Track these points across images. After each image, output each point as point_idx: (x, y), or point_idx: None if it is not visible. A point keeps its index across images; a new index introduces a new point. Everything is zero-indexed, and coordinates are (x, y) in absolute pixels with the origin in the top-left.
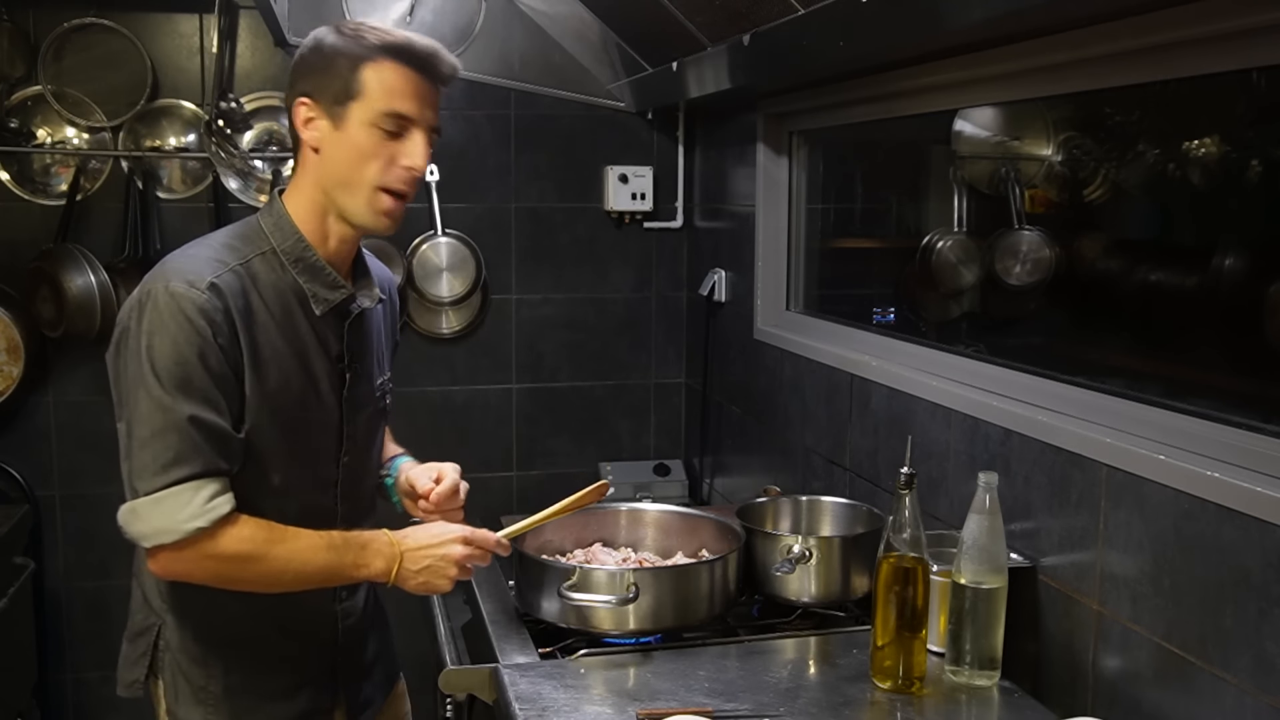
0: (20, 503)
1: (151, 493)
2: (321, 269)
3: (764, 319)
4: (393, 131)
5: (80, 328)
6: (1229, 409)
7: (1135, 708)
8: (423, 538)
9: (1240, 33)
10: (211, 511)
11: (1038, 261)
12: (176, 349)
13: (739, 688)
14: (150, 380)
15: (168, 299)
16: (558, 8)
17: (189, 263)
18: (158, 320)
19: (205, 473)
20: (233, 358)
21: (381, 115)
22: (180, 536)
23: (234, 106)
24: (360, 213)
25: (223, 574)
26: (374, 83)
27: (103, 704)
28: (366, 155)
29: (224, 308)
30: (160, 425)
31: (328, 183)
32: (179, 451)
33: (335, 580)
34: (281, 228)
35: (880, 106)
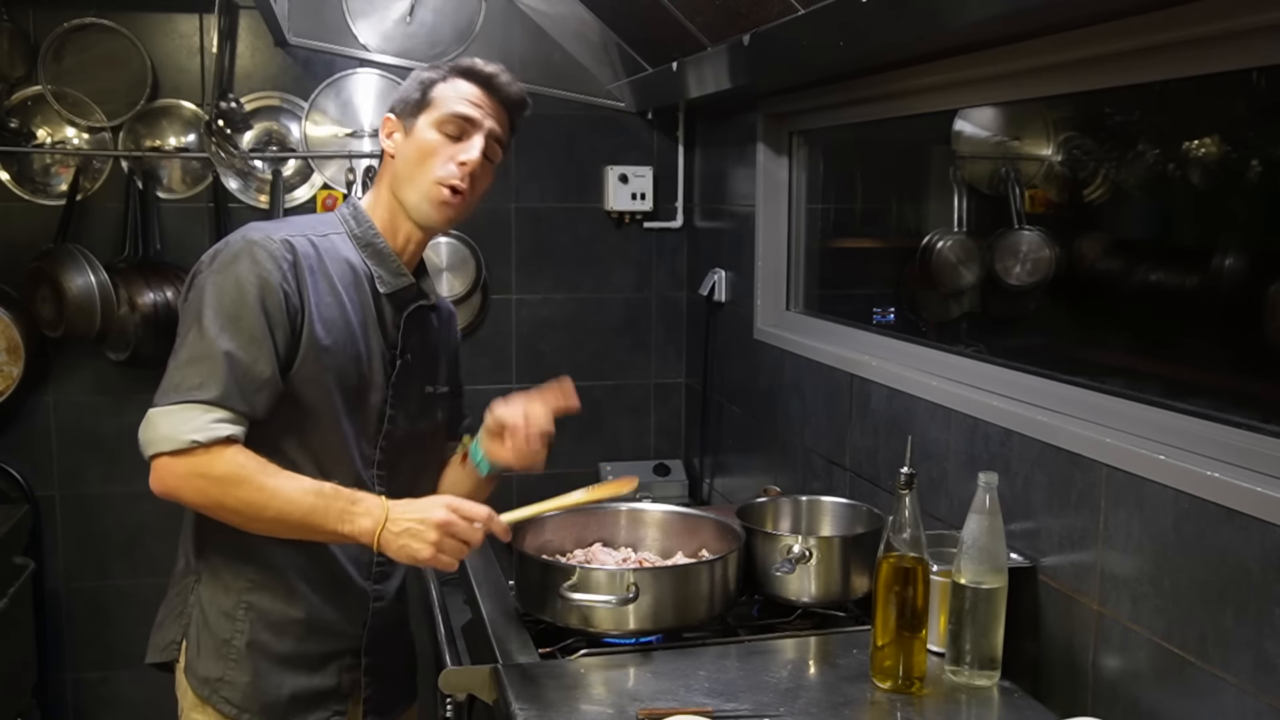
0: (20, 503)
1: (167, 404)
2: (389, 255)
3: (764, 319)
4: (454, 135)
5: (80, 328)
6: (1229, 409)
7: (1135, 708)
8: (413, 506)
9: (1240, 33)
10: (213, 430)
11: (1038, 261)
12: (238, 286)
13: (739, 688)
14: (205, 312)
15: (243, 244)
16: (558, 8)
17: (270, 226)
18: (228, 259)
19: (222, 403)
20: (293, 305)
21: (443, 118)
22: (177, 446)
23: (234, 106)
24: (419, 205)
25: (208, 494)
26: (441, 95)
27: (103, 704)
28: (428, 154)
29: (293, 260)
30: (198, 353)
31: (396, 182)
32: (205, 379)
33: (318, 530)
34: (357, 217)
35: (880, 106)
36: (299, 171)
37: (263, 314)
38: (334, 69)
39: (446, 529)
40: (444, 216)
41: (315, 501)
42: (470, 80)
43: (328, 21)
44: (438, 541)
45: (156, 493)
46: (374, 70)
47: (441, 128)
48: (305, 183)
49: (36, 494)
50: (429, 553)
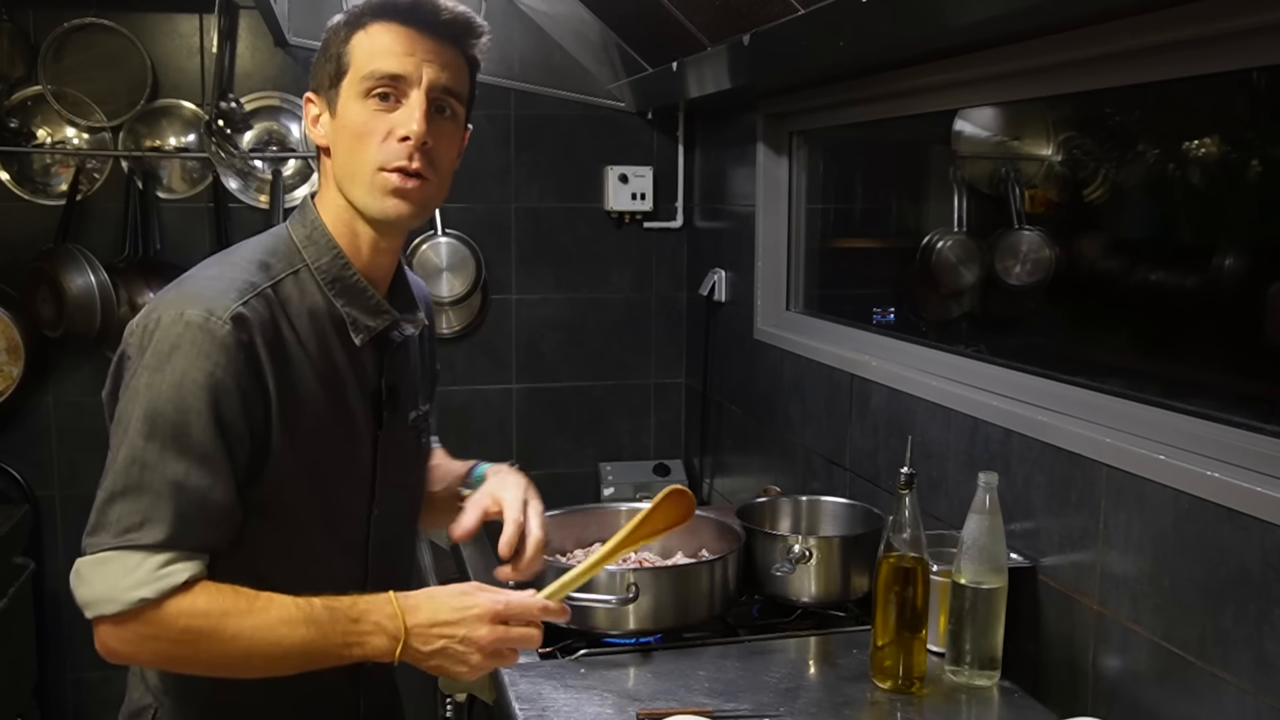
0: (20, 503)
1: (99, 550)
2: (362, 290)
3: (764, 319)
4: (384, 97)
5: (80, 328)
6: (1229, 409)
7: (1135, 708)
8: (439, 611)
9: (1240, 33)
10: (162, 580)
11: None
12: (180, 394)
13: (739, 688)
14: (137, 426)
15: (180, 329)
16: (558, 8)
17: (209, 285)
18: (164, 350)
19: (171, 545)
20: (255, 408)
21: (365, 80)
22: (120, 608)
23: (234, 106)
24: (367, 201)
25: (173, 657)
26: (359, 50)
27: (103, 704)
28: (361, 134)
29: (249, 344)
30: (135, 482)
31: (339, 178)
32: (147, 517)
33: (322, 661)
34: (316, 241)
35: (880, 106)
36: (299, 171)
37: (215, 426)
38: None
39: (497, 648)
40: (405, 210)
41: (308, 634)
42: (386, 17)
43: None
44: (482, 663)
45: (107, 659)
46: None
47: (366, 95)
48: (305, 183)
49: (36, 494)
50: (471, 675)
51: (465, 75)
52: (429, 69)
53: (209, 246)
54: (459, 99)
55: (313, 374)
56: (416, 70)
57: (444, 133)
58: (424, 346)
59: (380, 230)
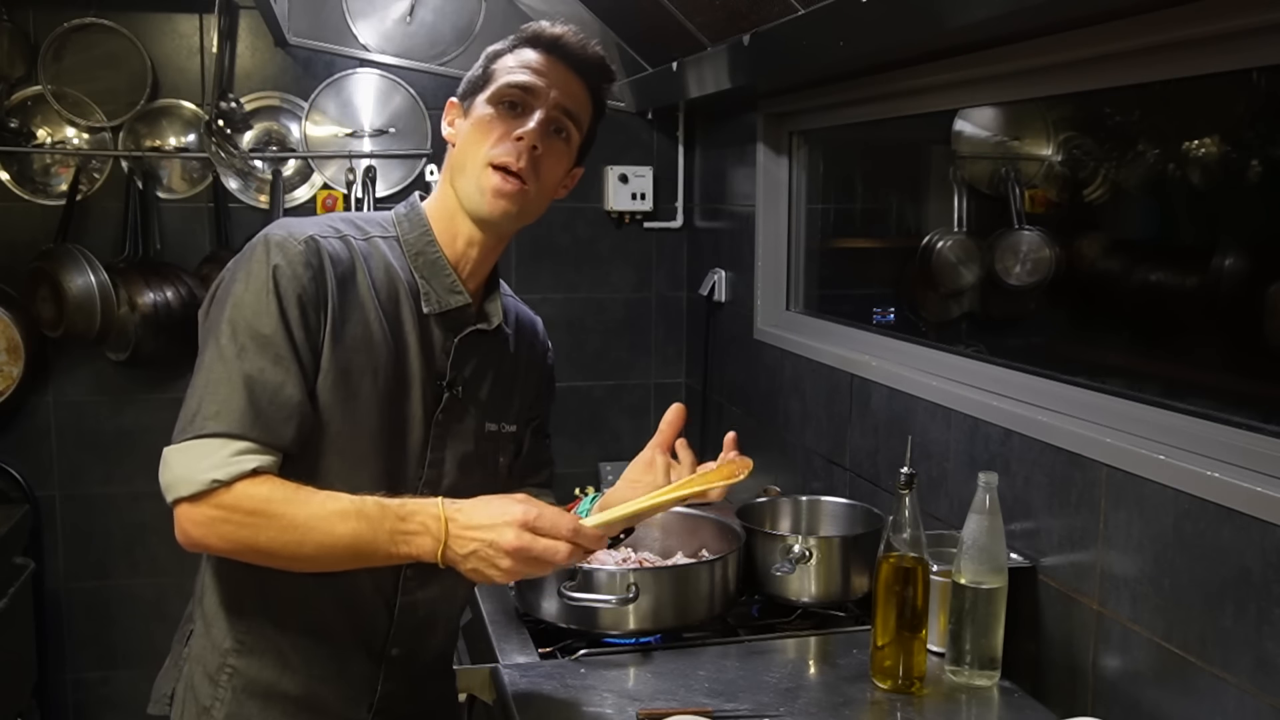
0: (20, 503)
1: (182, 441)
2: (442, 267)
3: (764, 319)
4: (512, 105)
5: (80, 328)
6: (1229, 409)
7: (1135, 708)
8: (477, 515)
9: (1240, 33)
10: (234, 465)
11: (1038, 261)
12: (257, 297)
13: (739, 688)
14: (223, 328)
15: (260, 243)
16: (558, 8)
17: (298, 220)
18: (245, 264)
19: (244, 434)
20: (315, 321)
21: (500, 91)
22: (197, 489)
23: (234, 106)
24: (471, 195)
25: (237, 539)
26: (502, 67)
27: (103, 704)
28: (483, 131)
29: (319, 265)
30: (215, 376)
31: (453, 173)
32: (224, 407)
33: (371, 556)
34: (412, 219)
35: (880, 106)
36: (299, 171)
37: (284, 327)
38: (334, 69)
39: (522, 555)
40: (500, 208)
41: (359, 527)
42: (533, 46)
43: (328, 21)
44: (511, 569)
45: (184, 546)
46: (374, 70)
47: (498, 102)
48: (305, 183)
49: (36, 494)
50: (505, 579)
51: (588, 109)
52: (556, 91)
53: (209, 246)
54: (577, 125)
55: (378, 322)
56: (546, 89)
57: (554, 149)
58: (520, 368)
59: (478, 226)
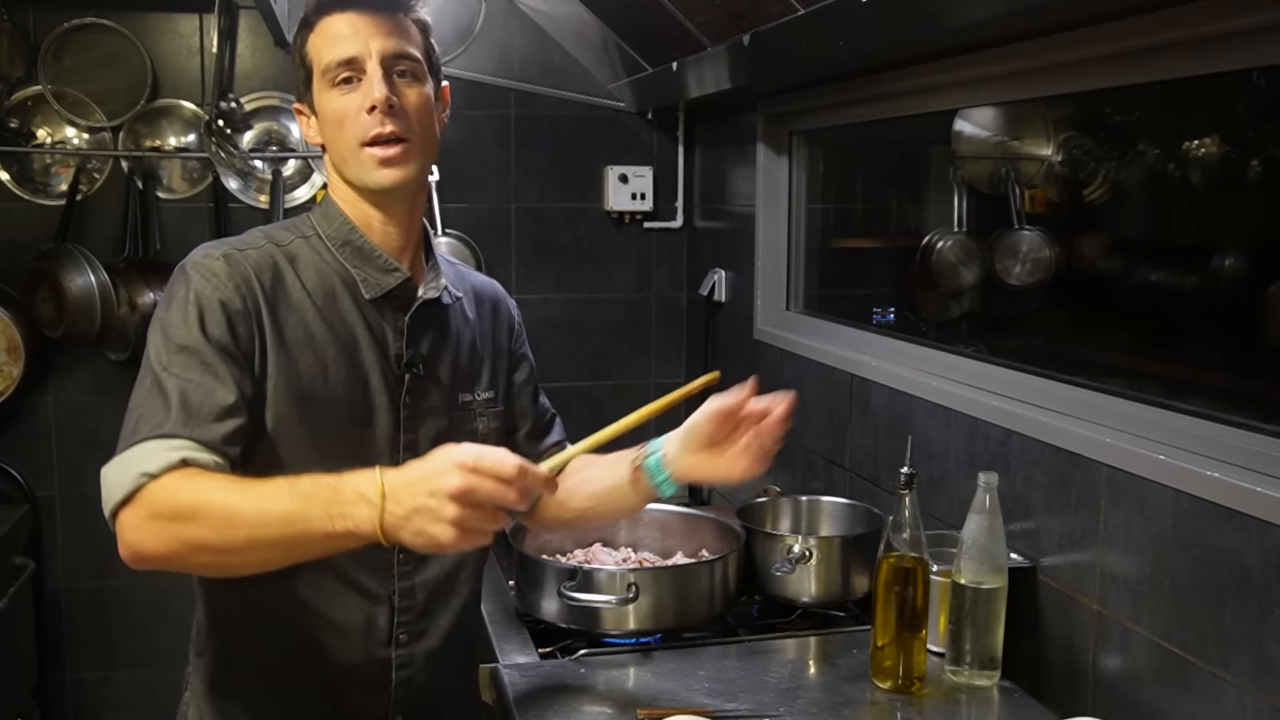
0: (20, 503)
1: (118, 453)
2: (371, 251)
3: (764, 319)
4: (346, 81)
5: (80, 328)
6: (1229, 409)
7: (1135, 708)
8: (414, 469)
9: (1240, 33)
10: (163, 458)
11: (1038, 261)
12: (182, 312)
13: (739, 688)
14: (151, 352)
15: (182, 271)
16: (558, 8)
17: (215, 242)
18: (170, 290)
19: (174, 434)
20: (245, 330)
21: (326, 73)
22: (128, 490)
23: (234, 106)
24: (362, 177)
25: (170, 537)
26: (315, 49)
27: (103, 704)
28: (338, 119)
29: (240, 277)
30: (148, 389)
31: (337, 166)
32: (159, 415)
33: (310, 540)
34: (328, 214)
35: (880, 106)
36: (299, 171)
37: (206, 337)
38: None
39: (466, 498)
40: (398, 175)
41: (291, 506)
42: (323, 13)
43: None
44: (458, 517)
45: (127, 560)
46: None
47: (331, 85)
48: (305, 183)
49: (36, 494)
50: (451, 534)
51: (416, 36)
52: (375, 41)
53: None
54: (415, 60)
55: (320, 324)
56: (365, 47)
57: (408, 90)
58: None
59: (382, 203)
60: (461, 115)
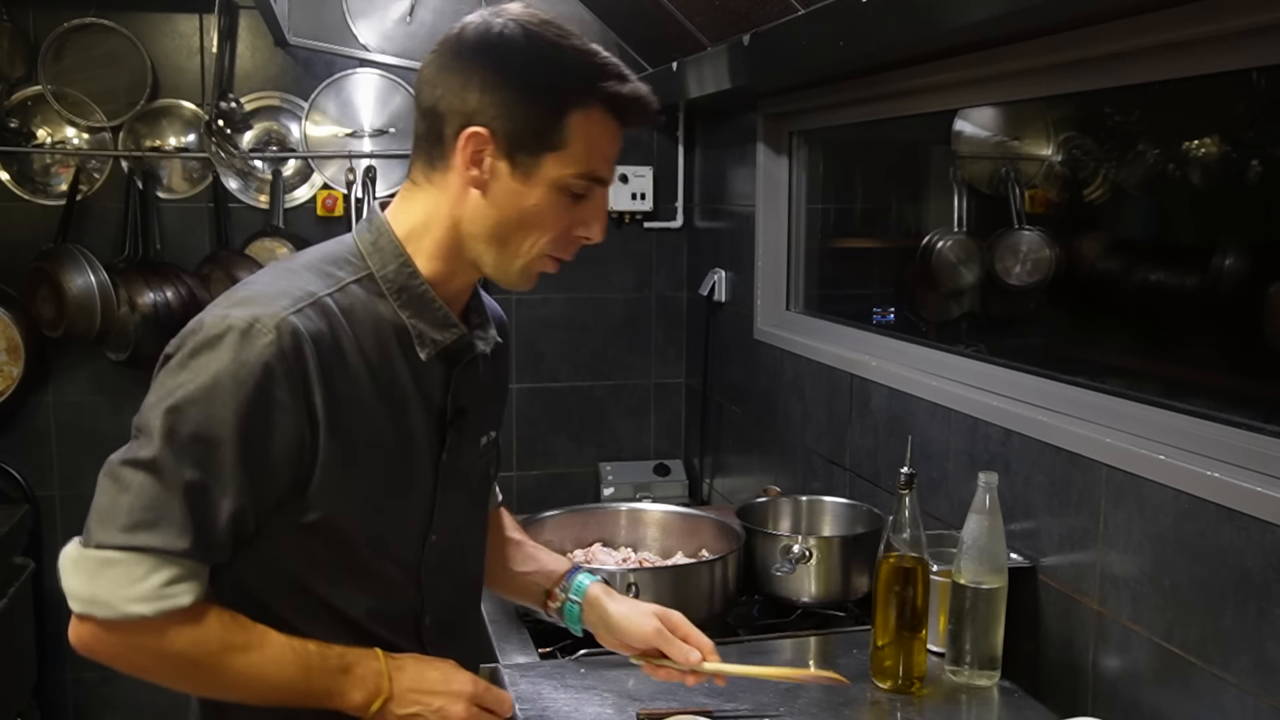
0: (20, 503)
1: (105, 548)
2: (430, 302)
3: (764, 319)
4: (579, 194)
5: (80, 328)
6: (1229, 409)
7: (1135, 708)
8: (424, 679)
9: (1240, 33)
10: (164, 600)
11: (1038, 261)
12: (209, 398)
13: (739, 688)
14: (163, 422)
15: (220, 332)
16: (558, 8)
17: (261, 291)
18: (199, 354)
19: (175, 553)
20: (297, 426)
21: (578, 178)
22: (114, 616)
23: (234, 106)
24: (508, 275)
25: (155, 673)
26: (580, 135)
27: (103, 704)
28: (544, 220)
29: (296, 356)
30: (151, 477)
31: (477, 230)
32: (159, 516)
33: (300, 705)
34: (382, 249)
35: (880, 106)
36: (299, 171)
37: (241, 446)
38: (334, 69)
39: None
40: (530, 286)
41: (294, 676)
42: (619, 116)
43: (328, 21)
44: None
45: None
46: (374, 70)
47: (570, 186)
48: (305, 183)
49: (36, 494)
50: None
51: None
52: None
53: (209, 247)
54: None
55: (373, 389)
56: (612, 172)
57: None
58: (496, 369)
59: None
60: None
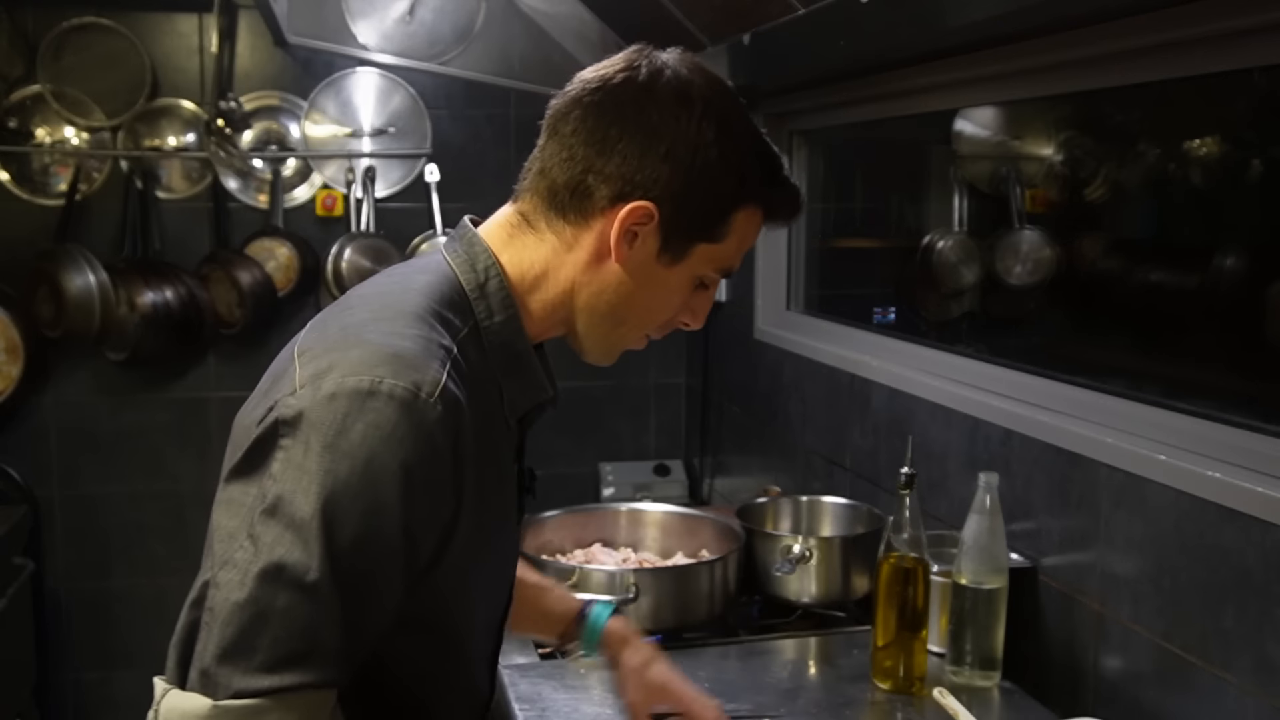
0: (20, 503)
1: (251, 695)
2: (529, 364)
3: (764, 319)
4: (707, 285)
5: (80, 328)
6: (1229, 409)
7: (1135, 708)
8: None
9: (1240, 33)
10: None
11: (1038, 261)
12: (373, 486)
13: (739, 688)
14: (319, 521)
15: (379, 404)
16: (558, 8)
17: (407, 346)
18: (350, 428)
19: (328, 686)
20: (444, 513)
21: (718, 271)
22: None
23: (234, 106)
24: (600, 350)
25: None
26: (738, 231)
27: (103, 704)
28: (669, 309)
29: (457, 431)
30: (304, 598)
31: (598, 303)
32: (311, 645)
33: None
34: (489, 295)
35: (880, 106)
36: (299, 171)
37: (407, 543)
38: (334, 68)
39: None
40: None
41: None
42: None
43: (327, 21)
44: None
45: None
46: (374, 70)
47: (703, 279)
48: (305, 182)
49: (36, 494)
50: None
51: None
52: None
53: (209, 246)
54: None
55: (491, 465)
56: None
57: None
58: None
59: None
60: (461, 115)
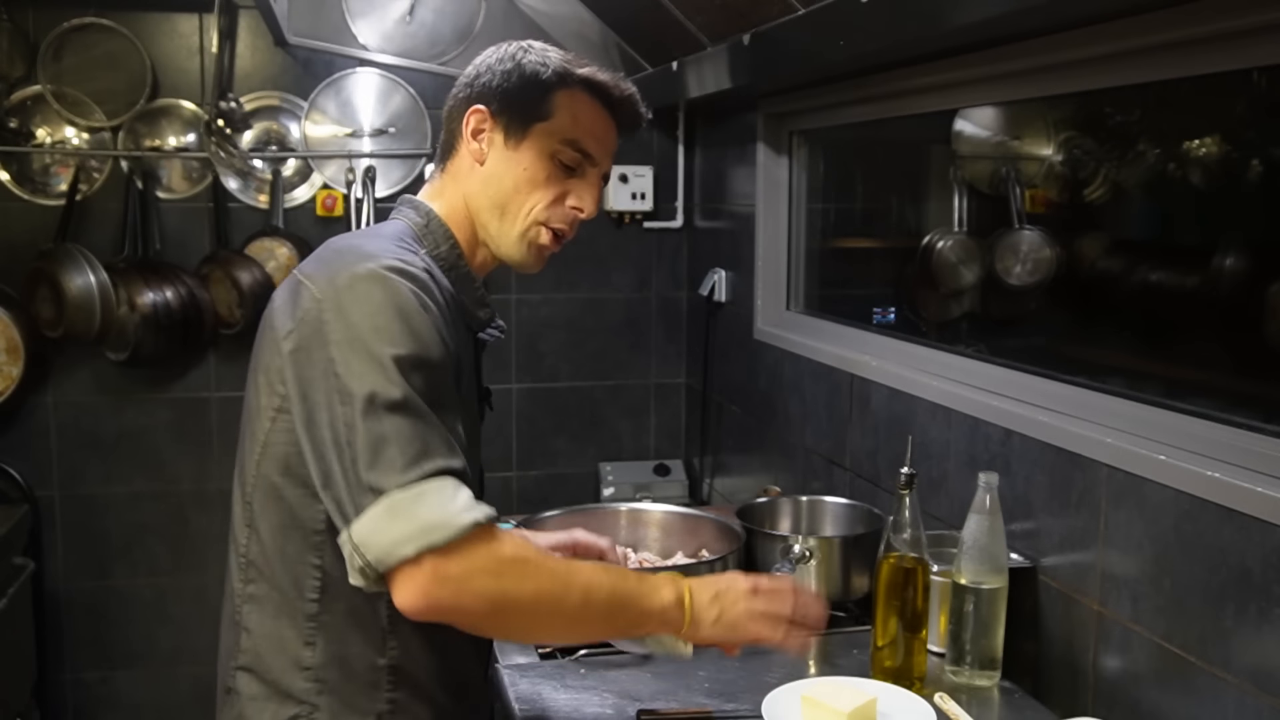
0: (20, 503)
1: (407, 485)
2: (472, 281)
3: (764, 319)
4: (569, 166)
5: (80, 328)
6: (1229, 409)
7: (1135, 708)
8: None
9: (1240, 33)
10: (482, 508)
11: (1038, 261)
12: (411, 330)
13: (739, 688)
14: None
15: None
16: (558, 8)
17: (380, 246)
18: (377, 301)
19: (458, 473)
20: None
21: (564, 145)
22: (454, 533)
23: (234, 106)
24: (510, 244)
25: (498, 594)
26: (565, 109)
27: (103, 704)
28: (536, 184)
29: (435, 297)
30: (401, 416)
31: (483, 202)
32: (427, 443)
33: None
34: (435, 232)
35: (880, 106)
36: (299, 171)
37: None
38: (334, 69)
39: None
40: (535, 263)
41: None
42: (603, 101)
43: (327, 21)
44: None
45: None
46: (374, 70)
47: (558, 154)
48: (305, 182)
49: (36, 494)
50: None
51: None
52: (608, 159)
53: (209, 246)
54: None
55: (464, 351)
56: (604, 158)
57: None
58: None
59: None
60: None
